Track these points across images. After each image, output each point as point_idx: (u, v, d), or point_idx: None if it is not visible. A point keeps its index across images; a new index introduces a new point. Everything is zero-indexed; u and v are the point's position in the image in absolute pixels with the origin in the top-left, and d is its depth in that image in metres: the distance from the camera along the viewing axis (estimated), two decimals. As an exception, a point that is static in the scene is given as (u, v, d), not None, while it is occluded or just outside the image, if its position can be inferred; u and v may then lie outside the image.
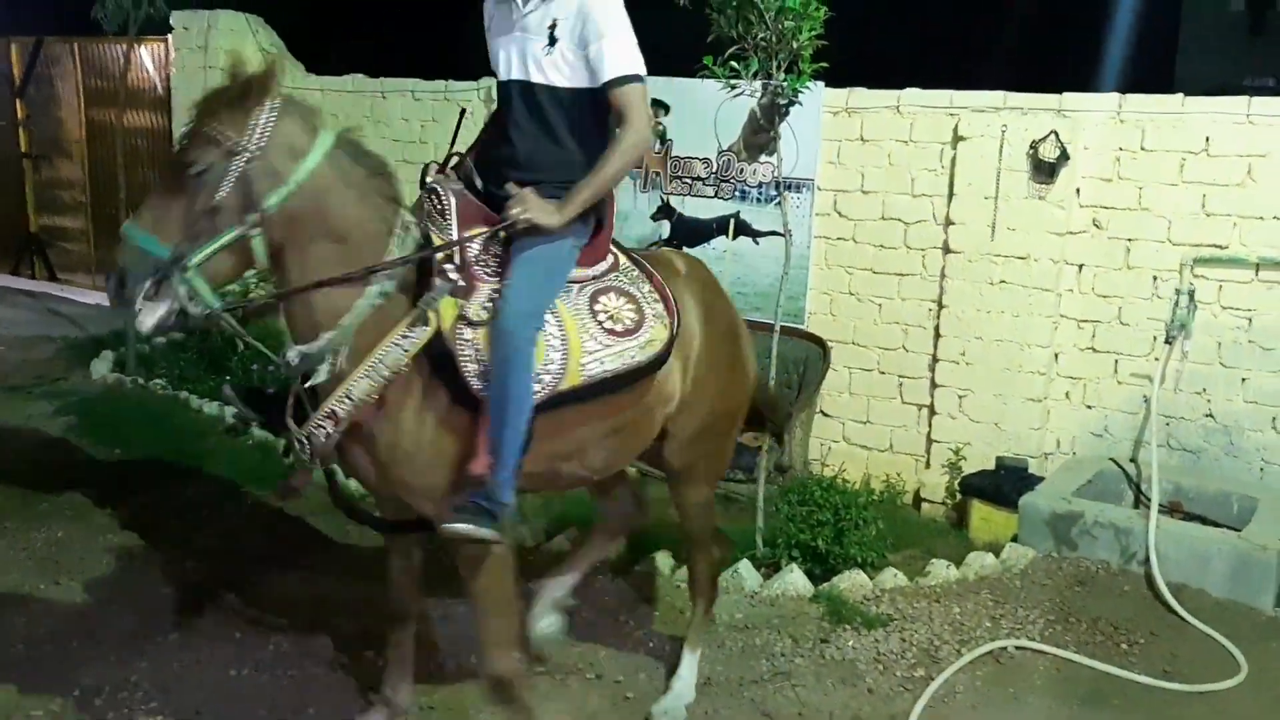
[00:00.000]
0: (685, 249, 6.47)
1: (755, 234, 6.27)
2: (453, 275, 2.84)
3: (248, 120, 2.67)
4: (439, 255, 2.84)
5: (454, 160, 3.14)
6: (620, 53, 2.93)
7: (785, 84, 4.22)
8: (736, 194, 6.29)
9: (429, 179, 3.04)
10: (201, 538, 4.65)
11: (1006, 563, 4.69)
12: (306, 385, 2.79)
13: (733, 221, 6.33)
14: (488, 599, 2.92)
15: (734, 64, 4.18)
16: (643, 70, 2.96)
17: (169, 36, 8.38)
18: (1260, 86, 11.74)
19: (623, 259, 3.25)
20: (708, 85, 6.25)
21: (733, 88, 4.29)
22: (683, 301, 3.28)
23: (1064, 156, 5.22)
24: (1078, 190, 5.35)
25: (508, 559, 2.91)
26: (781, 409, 3.66)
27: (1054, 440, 5.61)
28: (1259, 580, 4.34)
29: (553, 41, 2.97)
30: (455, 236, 2.90)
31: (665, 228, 6.56)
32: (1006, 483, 5.21)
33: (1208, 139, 5.08)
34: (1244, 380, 5.14)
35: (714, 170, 6.34)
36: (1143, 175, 5.24)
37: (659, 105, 6.51)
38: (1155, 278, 5.26)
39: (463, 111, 3.71)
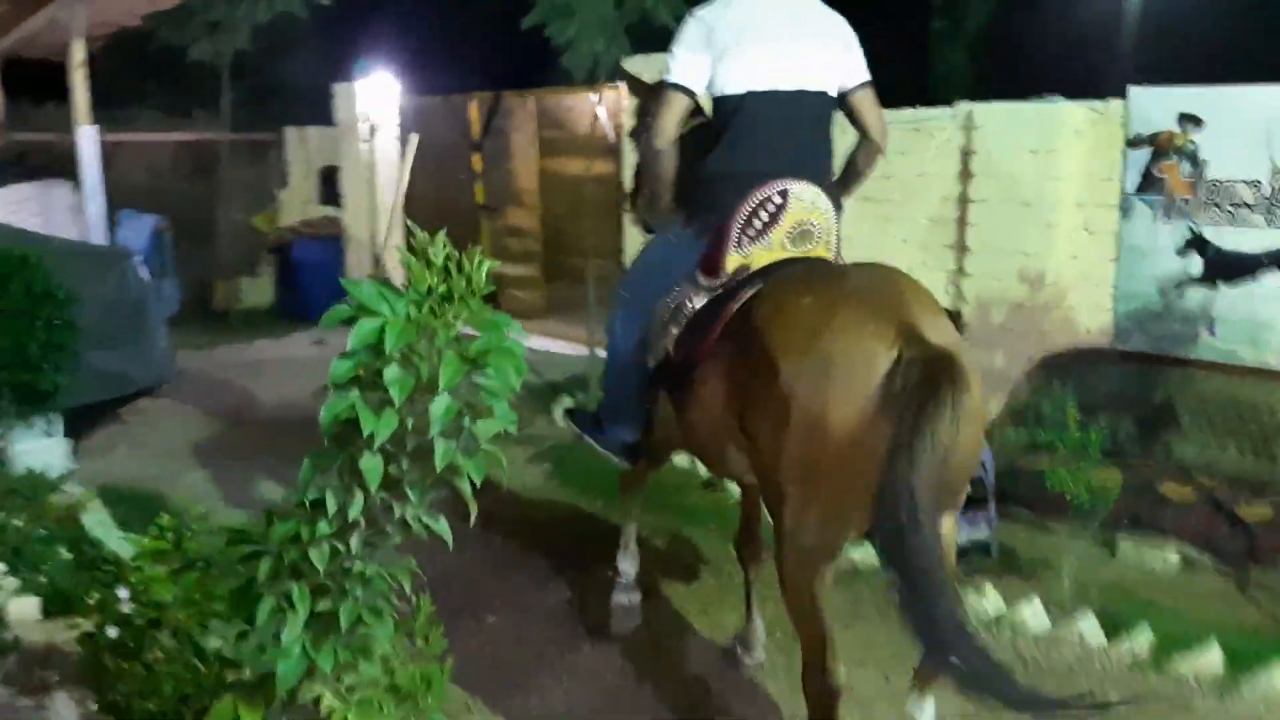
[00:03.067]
0: (1223, 286, 5.50)
1: (1324, 270, 5.18)
2: None
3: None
4: None
5: None
6: (667, 57, 3.32)
7: None
8: (1299, 222, 5.23)
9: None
10: (719, 608, 4.29)
11: None
12: None
13: (1291, 255, 5.27)
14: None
15: None
16: (667, 75, 3.28)
17: (621, 84, 8.44)
18: None
19: (747, 278, 3.18)
20: (1255, 93, 5.34)
21: None
22: (750, 325, 2.95)
23: None
24: None
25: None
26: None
27: None
28: None
29: None
30: None
31: (1195, 263, 5.58)
32: None
33: None
34: None
35: (1266, 194, 5.31)
36: None
37: (1188, 119, 5.58)
38: None
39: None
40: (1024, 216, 6.18)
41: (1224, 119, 5.43)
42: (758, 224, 3.20)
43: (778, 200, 3.18)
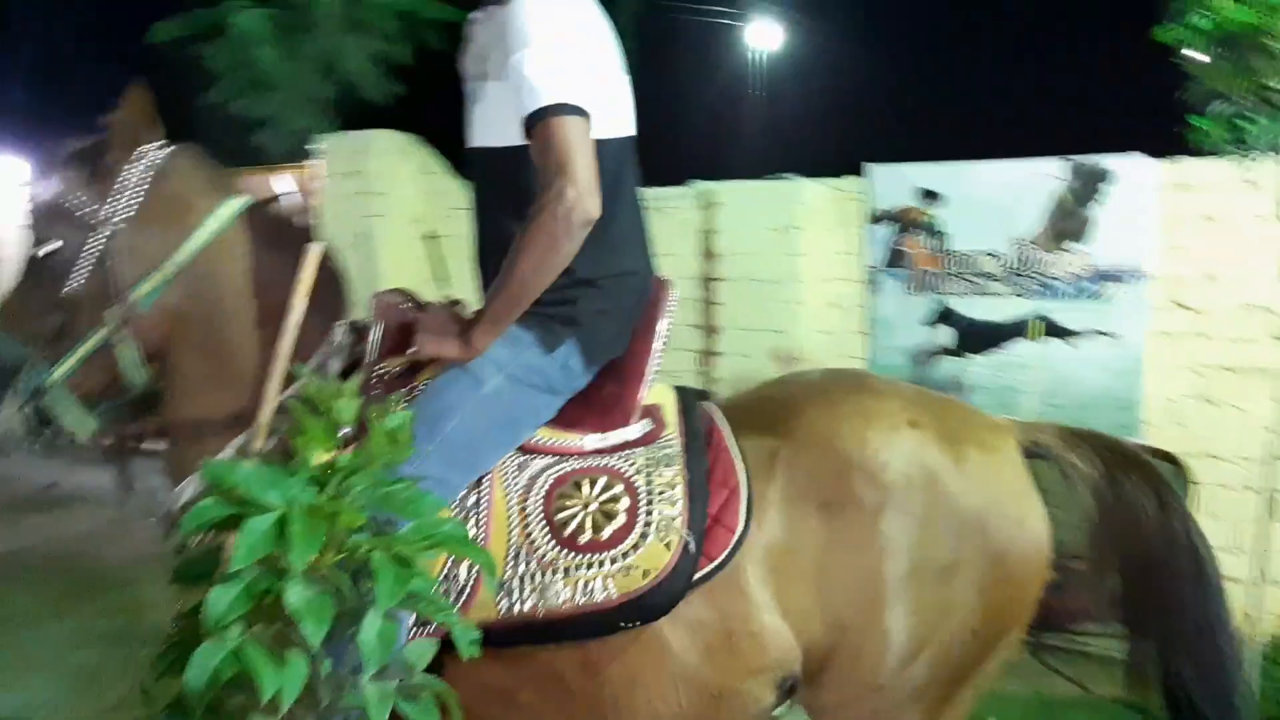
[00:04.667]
0: (976, 356, 5.58)
1: (1067, 334, 5.36)
2: None
3: (111, 180, 2.07)
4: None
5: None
6: (541, 71, 1.89)
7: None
8: (1040, 290, 5.40)
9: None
10: None
11: None
12: None
13: (1035, 323, 5.43)
14: None
15: (1241, 122, 3.28)
16: (574, 99, 1.90)
17: (308, 163, 7.61)
18: None
19: (673, 426, 2.07)
20: (989, 169, 5.51)
21: (1245, 156, 3.37)
22: (780, 498, 2.02)
23: None
24: None
25: None
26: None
27: None
28: None
29: (481, 81, 2.08)
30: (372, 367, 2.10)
31: (945, 334, 5.65)
32: None
33: None
34: None
35: (1008, 265, 5.46)
36: None
37: (929, 195, 5.68)
38: None
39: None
40: (770, 294, 6.06)
41: (962, 194, 5.56)
42: (665, 342, 2.20)
43: (673, 305, 2.19)
